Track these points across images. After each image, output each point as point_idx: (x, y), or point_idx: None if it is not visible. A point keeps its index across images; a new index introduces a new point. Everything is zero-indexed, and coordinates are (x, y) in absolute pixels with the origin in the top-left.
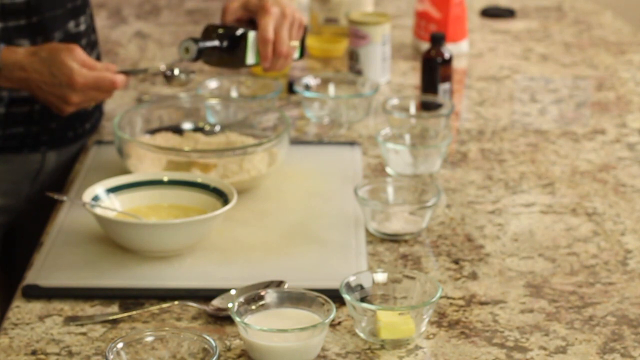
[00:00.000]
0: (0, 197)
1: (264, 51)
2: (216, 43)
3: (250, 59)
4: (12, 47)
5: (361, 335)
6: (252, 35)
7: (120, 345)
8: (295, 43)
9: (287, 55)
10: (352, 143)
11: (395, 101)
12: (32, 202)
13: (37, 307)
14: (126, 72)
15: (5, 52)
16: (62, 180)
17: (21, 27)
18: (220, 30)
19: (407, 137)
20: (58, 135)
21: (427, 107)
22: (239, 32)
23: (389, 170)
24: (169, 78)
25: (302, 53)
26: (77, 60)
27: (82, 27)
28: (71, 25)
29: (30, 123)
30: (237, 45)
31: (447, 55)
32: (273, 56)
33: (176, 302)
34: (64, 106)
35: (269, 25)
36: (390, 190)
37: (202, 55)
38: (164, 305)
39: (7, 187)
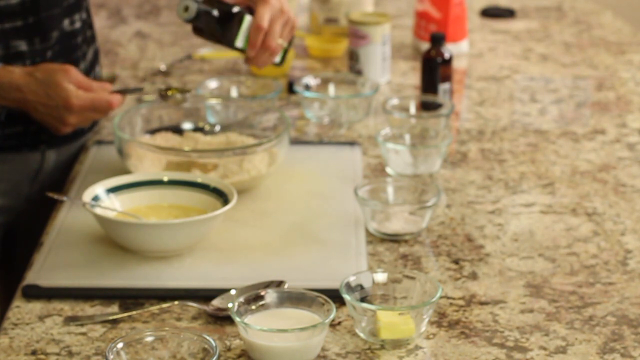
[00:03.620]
0: (0, 197)
1: (254, 38)
2: (215, 12)
3: (240, 42)
4: (8, 67)
5: (361, 335)
6: (247, 18)
7: (120, 345)
8: (284, 43)
9: (273, 51)
10: (352, 143)
11: (395, 101)
12: (32, 202)
13: (37, 307)
14: (122, 92)
15: (1, 72)
16: (62, 180)
17: (17, 28)
18: (219, 4)
19: (407, 137)
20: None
21: (427, 107)
22: (236, 9)
23: (389, 170)
24: (164, 97)
25: (283, 59)
26: (73, 82)
27: (78, 25)
28: (66, 23)
29: (30, 122)
30: (231, 23)
31: (447, 55)
32: (260, 47)
33: (176, 302)
34: (60, 127)
35: (266, 14)
36: (390, 190)
37: (199, 19)
38: (164, 305)
39: (7, 187)
